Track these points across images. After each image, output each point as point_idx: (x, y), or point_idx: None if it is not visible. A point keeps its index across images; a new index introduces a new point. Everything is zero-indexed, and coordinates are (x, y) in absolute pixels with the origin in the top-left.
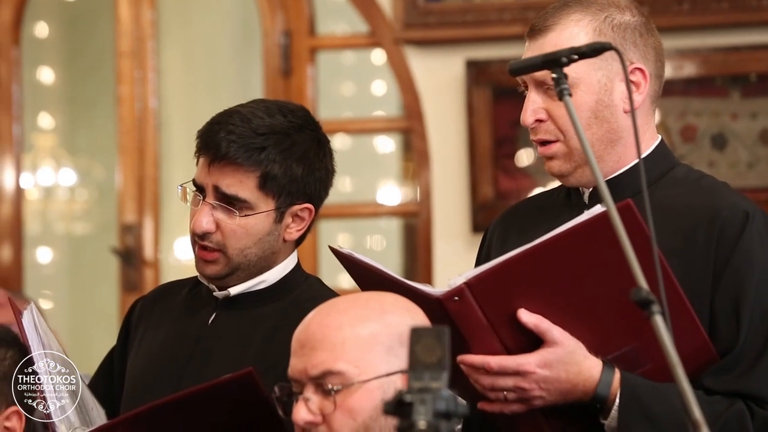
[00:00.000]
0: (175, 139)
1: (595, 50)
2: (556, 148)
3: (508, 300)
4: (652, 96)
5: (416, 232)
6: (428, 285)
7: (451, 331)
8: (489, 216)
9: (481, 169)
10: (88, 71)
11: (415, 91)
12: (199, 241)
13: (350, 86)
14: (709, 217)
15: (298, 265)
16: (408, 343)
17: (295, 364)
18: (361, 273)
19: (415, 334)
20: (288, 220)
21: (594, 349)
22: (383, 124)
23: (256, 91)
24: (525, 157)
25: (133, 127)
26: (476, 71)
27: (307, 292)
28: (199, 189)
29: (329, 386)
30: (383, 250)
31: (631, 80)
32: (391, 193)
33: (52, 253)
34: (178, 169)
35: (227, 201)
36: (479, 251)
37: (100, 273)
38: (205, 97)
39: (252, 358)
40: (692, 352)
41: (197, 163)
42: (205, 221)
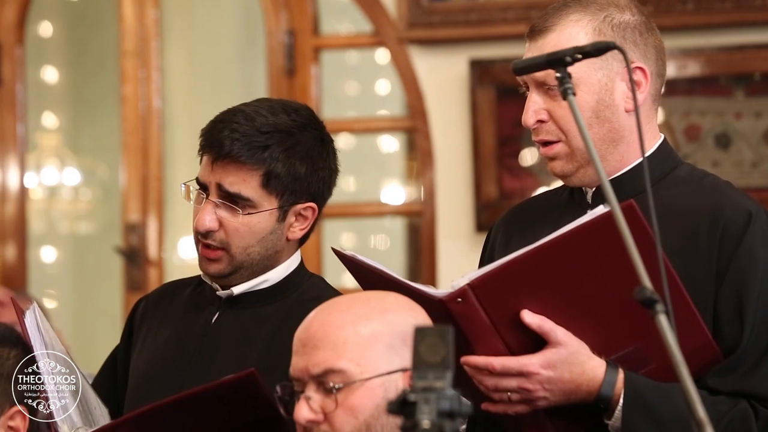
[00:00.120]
0: (179, 139)
1: (599, 49)
2: (558, 148)
3: (512, 301)
4: (653, 95)
5: (420, 231)
6: (431, 286)
7: (455, 332)
8: (493, 215)
9: (485, 168)
10: (92, 71)
11: (419, 91)
12: (202, 239)
13: (354, 86)
14: (712, 217)
15: (301, 265)
16: (412, 343)
17: (297, 363)
18: (364, 275)
19: (419, 333)
20: (291, 218)
21: (597, 350)
22: (387, 123)
23: (260, 90)
24: (529, 156)
25: (137, 126)
26: (480, 70)
27: (310, 292)
28: (203, 187)
29: (331, 385)
30: (387, 250)
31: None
32: (395, 193)
33: (56, 252)
34: (182, 169)
35: (230, 199)
36: (483, 251)
37: (104, 272)
38: (209, 97)
39: (255, 358)
40: (696, 351)
41: (200, 161)
42: (208, 219)
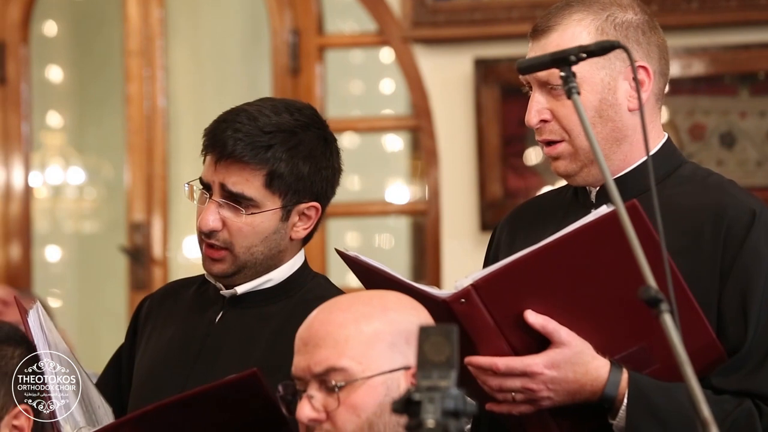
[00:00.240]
0: (183, 138)
1: (603, 48)
2: (562, 148)
3: (515, 301)
4: (657, 94)
5: (425, 230)
6: (434, 287)
7: (459, 332)
8: (497, 214)
9: (490, 167)
10: (96, 70)
11: (423, 90)
12: (205, 239)
13: (359, 85)
14: (715, 216)
15: (305, 264)
16: (414, 341)
17: (299, 362)
18: (367, 275)
19: (424, 332)
20: (294, 218)
21: (601, 350)
22: (392, 122)
23: (265, 89)
24: (533, 156)
25: (141, 125)
26: (485, 69)
27: (314, 291)
28: (206, 187)
29: (333, 383)
30: (392, 249)
31: (633, 78)
32: (400, 192)
33: (61, 251)
34: (186, 168)
35: (234, 199)
36: (487, 251)
37: (108, 271)
38: (214, 96)
39: (259, 357)
40: (700, 351)
41: (204, 161)
42: (212, 219)
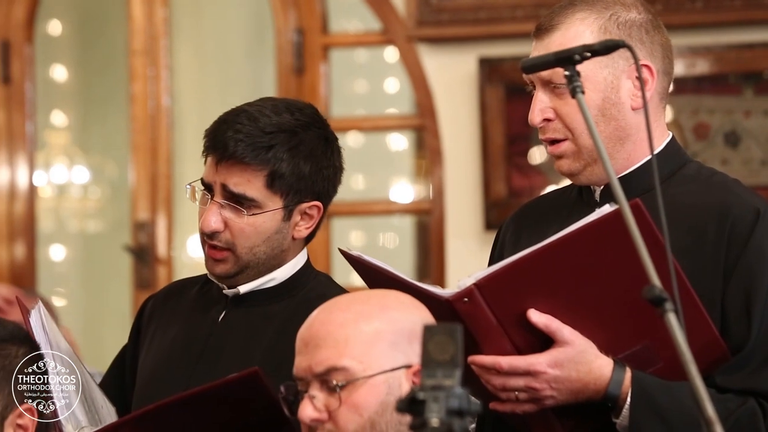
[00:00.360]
0: (187, 137)
1: (608, 47)
2: (565, 146)
3: (518, 300)
4: (660, 93)
5: (429, 229)
6: (437, 286)
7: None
8: (502, 213)
9: (494, 166)
10: (100, 69)
11: (427, 89)
12: (208, 240)
13: (363, 84)
14: (719, 215)
15: (307, 263)
16: (417, 339)
17: (300, 363)
18: (371, 275)
19: (428, 331)
20: (296, 217)
21: (605, 348)
22: (396, 121)
23: (269, 89)
24: (538, 155)
25: (145, 124)
26: (489, 69)
27: (316, 290)
28: (207, 188)
29: (334, 383)
30: (396, 248)
31: (637, 77)
32: (404, 191)
33: (65, 250)
34: (191, 167)
35: (235, 200)
36: (492, 250)
37: (113, 270)
38: (218, 95)
39: (261, 356)
40: (703, 349)
41: (205, 162)
42: (213, 220)
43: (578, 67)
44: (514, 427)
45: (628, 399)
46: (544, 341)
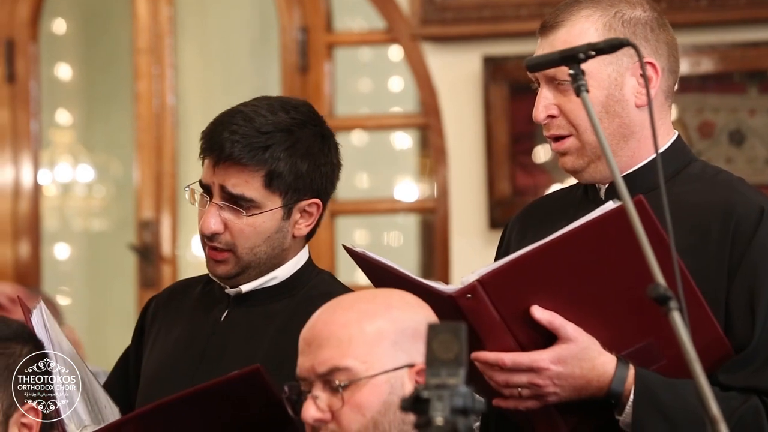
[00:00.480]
0: (192, 136)
1: (612, 46)
2: (569, 143)
3: (522, 297)
4: (665, 91)
5: (433, 228)
6: (441, 282)
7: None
8: (506, 212)
9: (498, 165)
10: (105, 68)
11: (432, 88)
12: (208, 242)
13: (367, 82)
14: (724, 213)
15: (309, 261)
16: (420, 338)
17: (303, 363)
18: (375, 271)
19: (432, 330)
20: (296, 216)
21: (608, 345)
22: (400, 120)
23: (274, 87)
24: (542, 153)
25: (150, 123)
26: (493, 67)
27: (318, 288)
28: (206, 189)
29: (336, 383)
30: (400, 247)
31: (641, 74)
32: (409, 190)
33: (70, 249)
34: (195, 166)
35: (234, 201)
36: (498, 248)
37: (117, 269)
38: (223, 94)
39: (263, 355)
40: (707, 347)
41: (202, 164)
42: (213, 222)
43: (583, 64)
44: (517, 424)
45: (631, 396)
46: (548, 338)
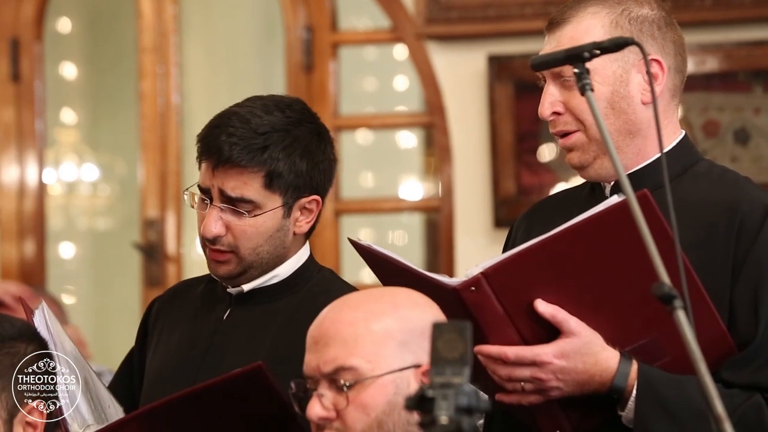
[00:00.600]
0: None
1: (617, 45)
2: (576, 138)
3: (525, 290)
4: (672, 90)
5: (438, 227)
6: (445, 275)
7: (468, 321)
8: (511, 211)
9: (503, 164)
10: (110, 67)
11: (437, 87)
12: (209, 245)
13: (372, 81)
14: (729, 211)
15: (310, 258)
16: (426, 338)
17: (309, 361)
18: (380, 265)
19: (437, 329)
20: (296, 213)
21: (611, 341)
22: (405, 119)
23: (278, 86)
24: (547, 152)
25: (155, 122)
26: (498, 66)
27: (320, 285)
28: (205, 193)
29: (342, 382)
30: (405, 245)
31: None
32: (413, 188)
33: (75, 248)
34: None
35: (234, 203)
36: (504, 248)
37: (122, 268)
38: (227, 93)
39: (266, 353)
40: (710, 344)
41: (199, 167)
42: (214, 225)
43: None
44: (519, 419)
45: (634, 392)
46: (551, 332)
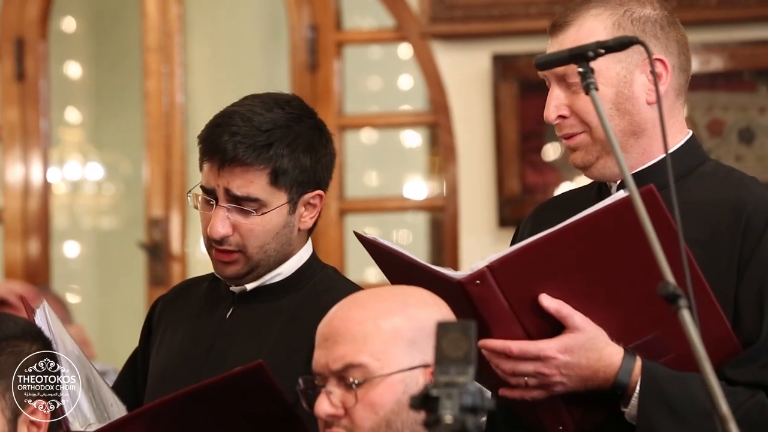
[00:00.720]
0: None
1: (622, 44)
2: (580, 138)
3: (530, 285)
4: (676, 89)
5: (443, 226)
6: (450, 269)
7: (472, 315)
8: (515, 210)
9: (508, 163)
10: (115, 66)
11: (441, 86)
12: (216, 245)
13: (377, 81)
14: (735, 210)
15: (313, 256)
16: (434, 337)
17: (318, 358)
18: (385, 258)
19: (442, 328)
20: (301, 209)
21: (616, 337)
22: (410, 118)
23: (283, 85)
24: (552, 152)
25: (159, 121)
26: (503, 65)
27: (323, 282)
28: (210, 193)
29: (351, 380)
30: (410, 245)
31: (651, 71)
32: (418, 188)
33: (80, 247)
34: None
35: (241, 202)
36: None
37: (127, 267)
38: (232, 92)
39: (268, 351)
40: (715, 342)
41: (201, 167)
42: (221, 226)
43: (593, 62)
44: (522, 416)
45: (638, 388)
46: (555, 327)
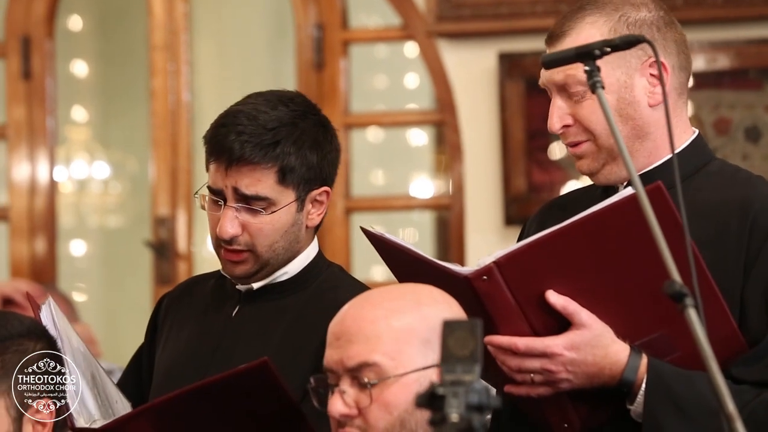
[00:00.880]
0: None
1: (628, 42)
2: (586, 146)
3: (537, 281)
4: (677, 89)
5: (449, 225)
6: (457, 264)
7: (479, 311)
8: (522, 209)
9: (514, 161)
10: (121, 64)
11: (447, 84)
12: (225, 245)
13: (383, 79)
14: (742, 208)
15: (319, 254)
16: (440, 336)
17: (332, 355)
18: (392, 254)
19: (448, 326)
20: (308, 206)
21: (622, 335)
22: (416, 117)
23: (289, 84)
24: (558, 150)
25: (166, 120)
26: (509, 64)
27: (329, 281)
28: (217, 193)
29: (365, 380)
30: (416, 243)
31: (651, 74)
32: (424, 186)
33: (86, 245)
34: None
35: (250, 201)
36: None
37: (133, 266)
38: (238, 91)
39: (274, 350)
40: (721, 341)
41: (207, 168)
42: (230, 226)
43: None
44: (527, 413)
45: (643, 385)
46: (562, 324)
